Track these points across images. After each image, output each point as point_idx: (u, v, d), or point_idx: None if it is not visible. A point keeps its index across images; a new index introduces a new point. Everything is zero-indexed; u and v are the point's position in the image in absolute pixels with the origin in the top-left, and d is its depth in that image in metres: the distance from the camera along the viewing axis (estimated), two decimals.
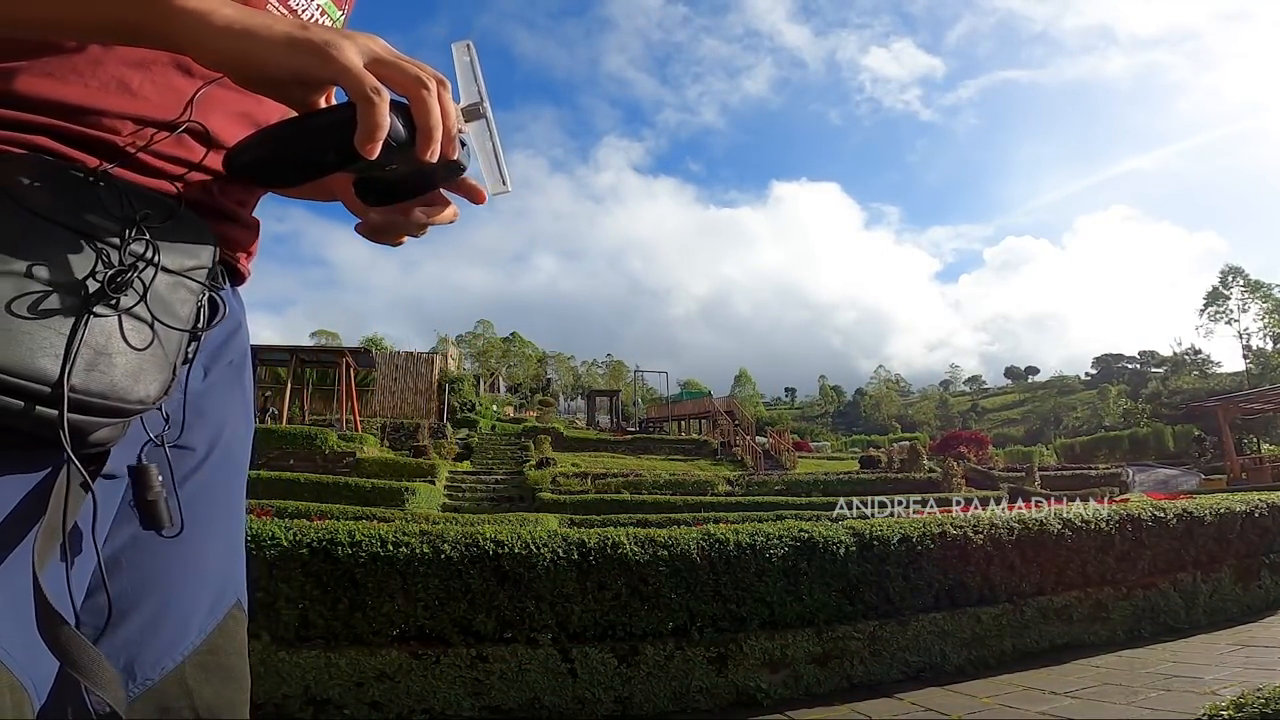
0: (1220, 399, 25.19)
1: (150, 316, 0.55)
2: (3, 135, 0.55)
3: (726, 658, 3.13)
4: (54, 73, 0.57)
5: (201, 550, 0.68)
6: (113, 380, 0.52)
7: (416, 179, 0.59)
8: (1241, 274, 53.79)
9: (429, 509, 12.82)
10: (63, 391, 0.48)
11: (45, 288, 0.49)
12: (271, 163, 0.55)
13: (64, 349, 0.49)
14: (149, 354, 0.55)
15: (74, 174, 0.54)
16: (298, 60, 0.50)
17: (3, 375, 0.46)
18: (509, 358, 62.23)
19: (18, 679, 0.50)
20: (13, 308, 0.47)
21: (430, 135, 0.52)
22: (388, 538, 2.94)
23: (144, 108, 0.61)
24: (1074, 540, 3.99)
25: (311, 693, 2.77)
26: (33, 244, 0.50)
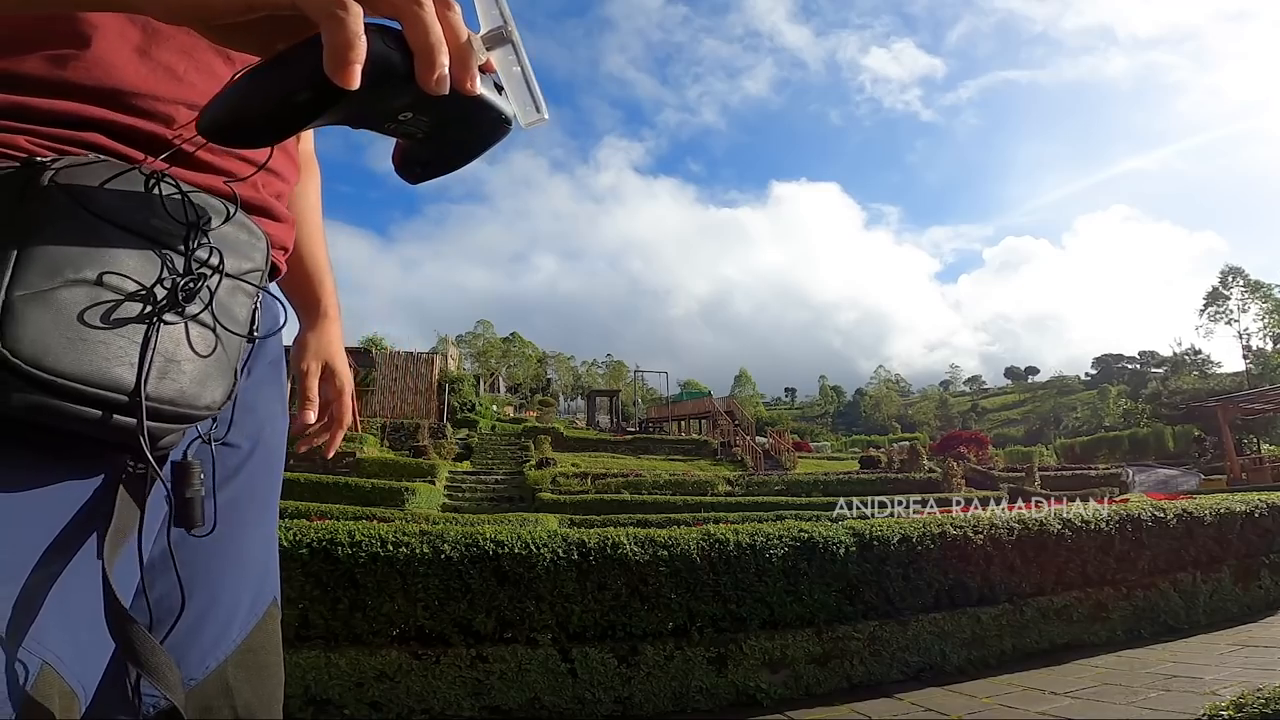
0: (1220, 399, 25.19)
1: (214, 322, 0.55)
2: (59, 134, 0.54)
3: (726, 658, 3.13)
4: (106, 59, 0.57)
5: (244, 548, 0.68)
6: (182, 387, 0.52)
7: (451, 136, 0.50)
8: (1241, 274, 53.80)
9: (429, 509, 12.83)
10: (140, 400, 0.49)
11: (116, 296, 0.49)
12: (242, 115, 0.46)
13: (138, 358, 0.49)
14: (213, 360, 0.55)
15: (136, 175, 0.53)
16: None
17: (81, 385, 0.47)
18: (509, 358, 62.24)
19: (69, 685, 0.50)
20: (86, 317, 0.47)
21: (430, 56, 0.42)
22: (388, 538, 2.94)
23: (191, 94, 0.61)
24: (1074, 540, 3.99)
25: (311, 693, 2.77)
26: (103, 251, 0.49)
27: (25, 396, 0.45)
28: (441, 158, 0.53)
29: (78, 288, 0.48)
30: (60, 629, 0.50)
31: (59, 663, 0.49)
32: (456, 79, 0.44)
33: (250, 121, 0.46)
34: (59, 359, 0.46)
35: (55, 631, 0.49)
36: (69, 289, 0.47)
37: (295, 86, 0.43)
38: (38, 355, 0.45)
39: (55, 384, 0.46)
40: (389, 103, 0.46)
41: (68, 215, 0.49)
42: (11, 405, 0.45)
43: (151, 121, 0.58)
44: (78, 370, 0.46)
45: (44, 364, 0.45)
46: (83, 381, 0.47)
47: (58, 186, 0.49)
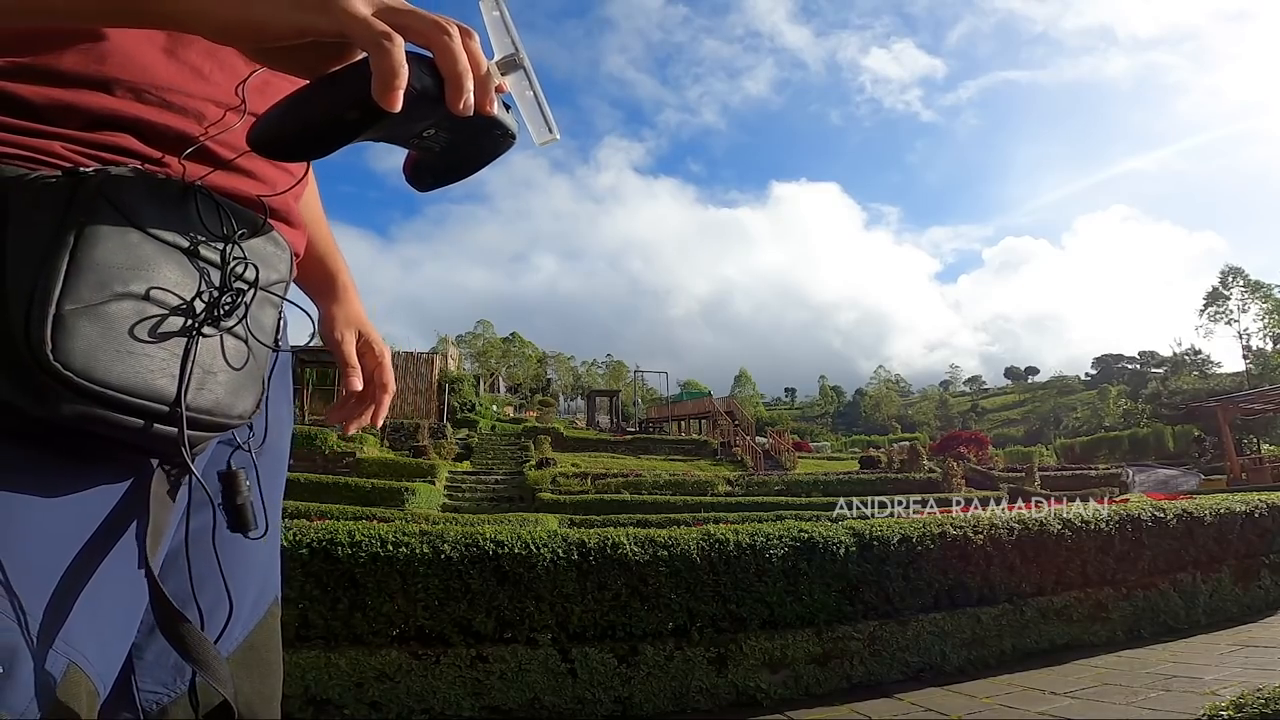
0: (1220, 399, 25.19)
1: (247, 334, 0.58)
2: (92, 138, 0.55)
3: (726, 658, 3.13)
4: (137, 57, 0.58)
5: (250, 548, 0.69)
6: (218, 398, 0.55)
7: (465, 150, 0.55)
8: (1241, 274, 53.80)
9: (429, 509, 12.83)
10: (181, 411, 0.51)
11: (160, 310, 0.51)
12: (293, 131, 0.51)
13: (179, 370, 0.52)
14: (246, 371, 0.58)
15: (173, 185, 0.55)
16: (301, 17, 0.47)
17: (126, 396, 0.49)
18: (509, 358, 62.24)
19: (93, 684, 0.52)
20: (132, 331, 0.49)
21: (459, 81, 0.48)
22: (388, 538, 2.94)
23: (217, 92, 0.62)
24: (1074, 540, 3.99)
25: (311, 693, 2.77)
26: (148, 264, 0.51)
27: (74, 406, 0.47)
28: (453, 169, 0.57)
29: (125, 301, 0.50)
30: (88, 629, 0.51)
31: (85, 663, 0.51)
32: (479, 102, 0.49)
33: (300, 138, 0.50)
34: (107, 371, 0.48)
35: (83, 631, 0.51)
36: (116, 303, 0.49)
37: (345, 107, 0.48)
38: (88, 367, 0.47)
39: (103, 395, 0.48)
40: (419, 122, 0.51)
41: (113, 229, 0.50)
42: (62, 414, 0.47)
43: (182, 118, 0.60)
44: (124, 382, 0.49)
45: (93, 375, 0.47)
46: (128, 393, 0.49)
47: (102, 199, 0.50)
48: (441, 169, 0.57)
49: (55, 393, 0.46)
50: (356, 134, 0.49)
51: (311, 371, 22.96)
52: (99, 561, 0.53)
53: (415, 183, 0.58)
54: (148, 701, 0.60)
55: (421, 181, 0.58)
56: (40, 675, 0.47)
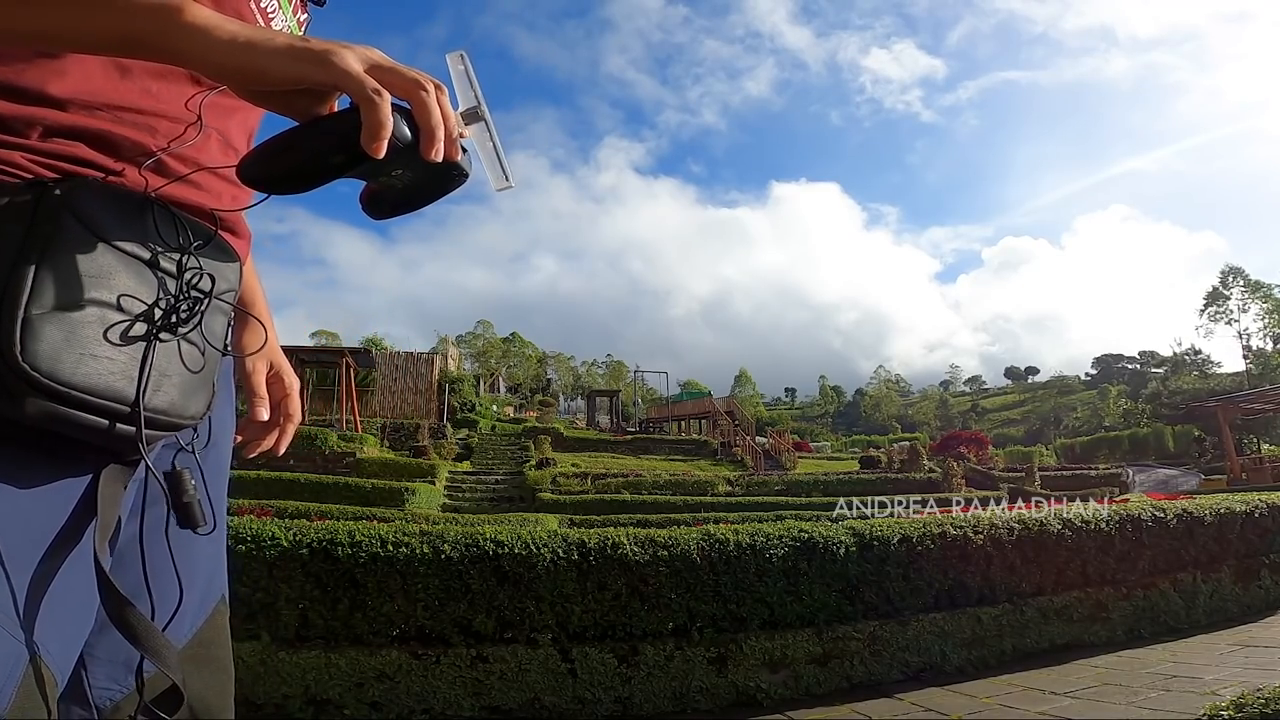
0: (1220, 399, 25.18)
1: (203, 341, 0.61)
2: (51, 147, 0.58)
3: (726, 658, 3.13)
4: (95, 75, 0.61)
5: (193, 547, 0.71)
6: (173, 399, 0.58)
7: (423, 186, 0.61)
8: (1241, 274, 53.74)
9: (429, 509, 12.81)
10: (139, 411, 0.55)
11: (122, 315, 0.55)
12: (284, 168, 0.56)
13: (138, 372, 0.55)
14: (199, 375, 0.61)
15: (131, 197, 0.59)
16: (299, 68, 0.51)
17: (89, 396, 0.52)
18: (509, 358, 62.22)
19: (53, 674, 0.54)
20: (94, 334, 0.53)
21: (433, 134, 0.53)
22: (388, 538, 2.94)
23: (168, 108, 0.65)
24: (1074, 540, 3.99)
25: (311, 693, 2.77)
26: (109, 273, 0.55)
27: (39, 404, 0.50)
28: (409, 202, 0.62)
29: (89, 307, 0.53)
30: (50, 622, 0.54)
31: (45, 653, 0.53)
32: (447, 151, 0.55)
33: (288, 176, 0.55)
34: (72, 372, 0.51)
35: (46, 625, 0.53)
36: (80, 308, 0.52)
37: (332, 150, 0.53)
38: (54, 369, 0.50)
39: (68, 395, 0.51)
40: (392, 166, 0.56)
41: (76, 237, 0.53)
42: (27, 413, 0.50)
43: (135, 130, 0.63)
44: (87, 383, 0.52)
45: (59, 376, 0.50)
46: (91, 393, 0.52)
47: (66, 210, 0.53)
48: (399, 202, 0.62)
49: (22, 392, 0.49)
50: (337, 175, 0.55)
51: (312, 371, 22.97)
52: (61, 557, 0.55)
53: (371, 212, 0.63)
54: (100, 698, 0.63)
55: (378, 211, 0.63)
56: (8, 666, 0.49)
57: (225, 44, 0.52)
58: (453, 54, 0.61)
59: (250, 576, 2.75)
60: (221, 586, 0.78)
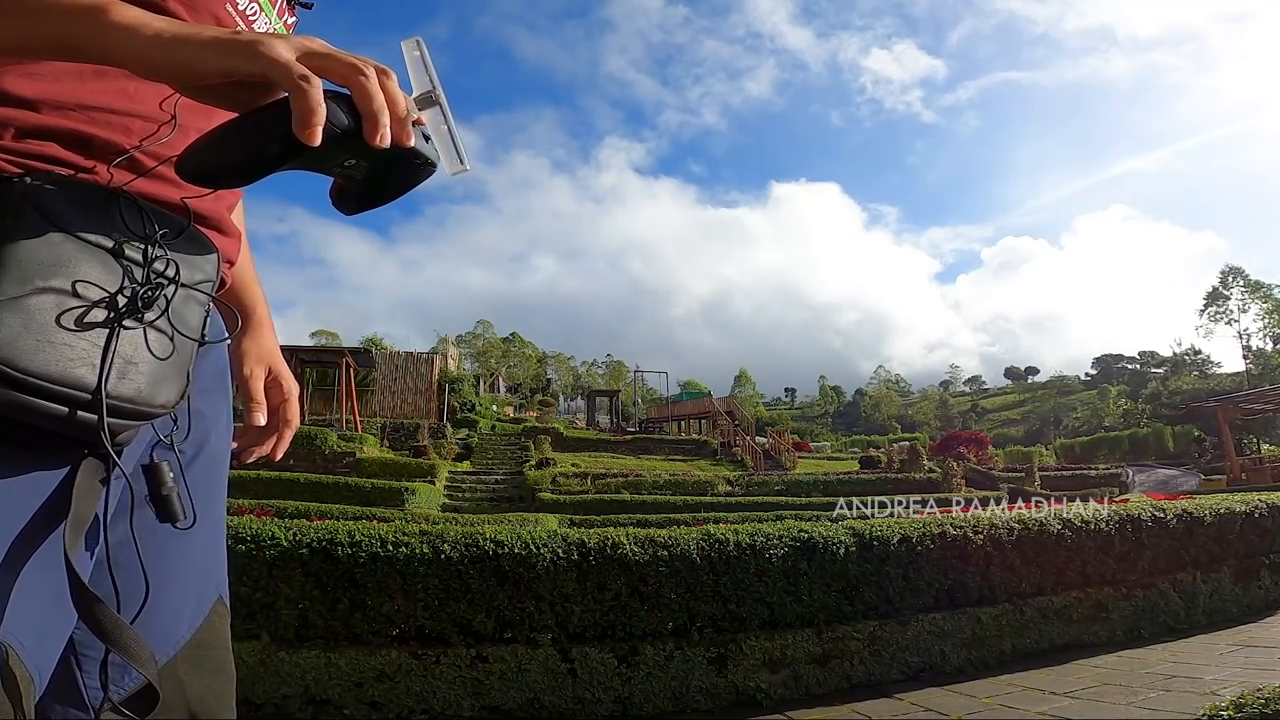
0: (1220, 399, 25.19)
1: (171, 329, 0.60)
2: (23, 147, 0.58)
3: (726, 658, 3.13)
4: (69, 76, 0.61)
5: (188, 548, 0.71)
6: (140, 387, 0.57)
7: (386, 177, 0.59)
8: (1241, 274, 53.71)
9: (429, 509, 12.81)
10: (101, 398, 0.54)
11: (82, 303, 0.54)
12: (220, 162, 0.54)
13: (100, 359, 0.54)
14: (169, 363, 0.60)
15: (98, 190, 0.58)
16: (226, 61, 0.50)
17: (48, 384, 0.51)
18: (509, 358, 62.20)
19: (27, 670, 0.53)
20: (53, 321, 0.52)
21: (375, 119, 0.52)
22: (388, 538, 2.94)
23: (143, 108, 0.65)
24: (1074, 540, 3.99)
25: (311, 693, 2.77)
26: (69, 261, 0.54)
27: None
28: (375, 195, 0.61)
29: (46, 295, 0.52)
30: (21, 614, 0.53)
31: (19, 647, 0.52)
32: (395, 135, 0.53)
33: (227, 169, 0.54)
34: (30, 360, 0.50)
35: (17, 616, 0.53)
36: (38, 296, 0.52)
37: (267, 141, 0.52)
38: (11, 356, 0.49)
39: (25, 382, 0.50)
40: (339, 155, 0.55)
41: (35, 228, 0.53)
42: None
43: (108, 130, 0.63)
44: (45, 370, 0.51)
45: (16, 364, 0.50)
46: (50, 380, 0.51)
47: (26, 201, 0.53)
48: (364, 195, 0.60)
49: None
50: (278, 166, 0.53)
51: (312, 371, 22.97)
52: (32, 550, 0.54)
53: (340, 207, 0.61)
54: (95, 698, 0.63)
55: (346, 206, 0.61)
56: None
57: (150, 41, 0.51)
58: (408, 40, 0.59)
59: (250, 576, 2.74)
60: (220, 587, 0.77)
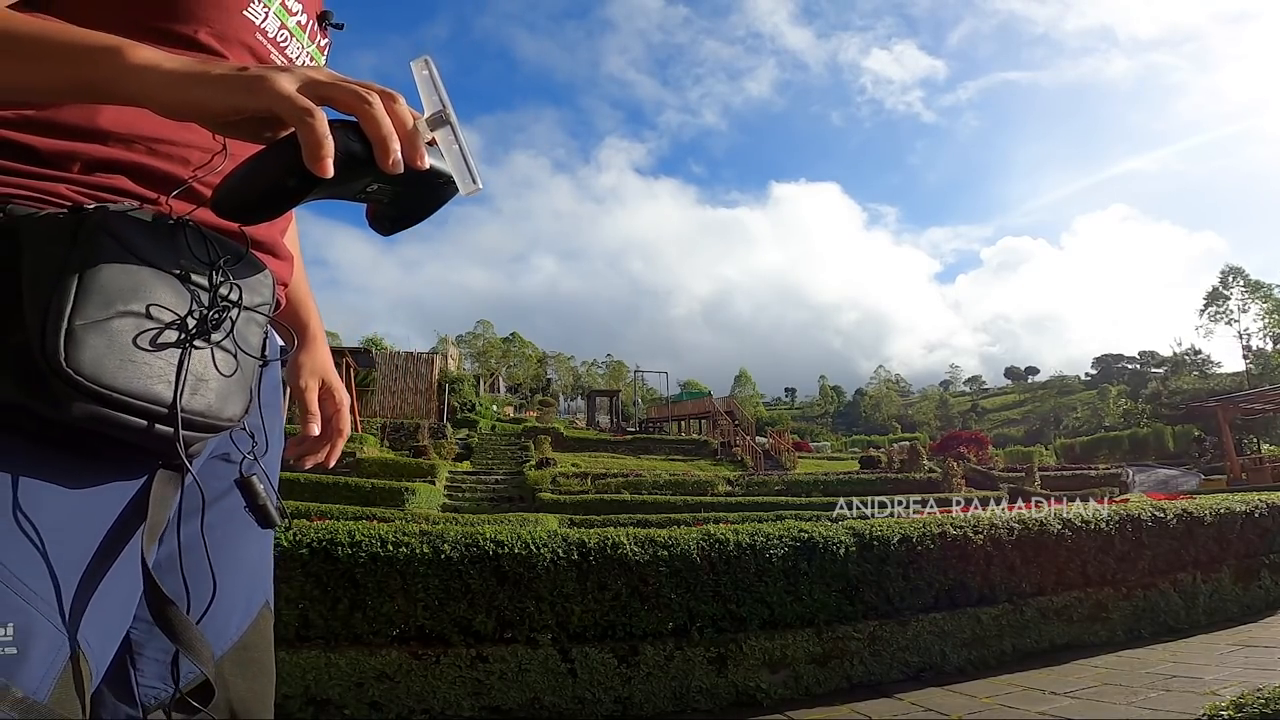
0: (1220, 399, 25.17)
1: (235, 348, 0.65)
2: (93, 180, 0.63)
3: (726, 658, 3.13)
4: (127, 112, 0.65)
5: (241, 554, 0.76)
6: (209, 402, 0.62)
7: (413, 198, 0.61)
8: (1242, 274, 53.74)
9: (429, 509, 12.82)
10: (177, 412, 0.58)
11: (156, 325, 0.58)
12: (244, 199, 0.57)
13: (174, 376, 0.59)
14: (234, 380, 0.65)
15: (164, 219, 0.63)
16: (233, 98, 0.53)
17: (129, 398, 0.56)
18: (509, 358, 62.21)
19: (90, 669, 0.58)
20: (133, 342, 0.57)
21: (384, 144, 0.53)
22: (388, 538, 2.94)
23: (199, 138, 0.69)
24: (1074, 540, 3.98)
25: (311, 693, 2.77)
26: (143, 287, 0.59)
27: (84, 407, 0.54)
28: (406, 215, 0.63)
29: (126, 318, 0.57)
30: (92, 618, 0.58)
31: (87, 648, 0.57)
32: (408, 158, 0.55)
33: (252, 205, 0.57)
34: (113, 377, 0.55)
35: (88, 620, 0.57)
36: (119, 319, 0.56)
37: (284, 176, 0.54)
38: (96, 373, 0.54)
39: (109, 397, 0.54)
40: (358, 182, 0.57)
41: (113, 256, 0.57)
42: (73, 415, 0.54)
43: (169, 162, 0.67)
44: (127, 386, 0.55)
45: (101, 380, 0.54)
46: (131, 395, 0.56)
47: (102, 229, 0.57)
48: (396, 216, 0.63)
49: (68, 396, 0.53)
50: (300, 198, 0.55)
51: None
52: (109, 557, 0.59)
53: (376, 228, 0.64)
54: (146, 697, 0.66)
55: (381, 227, 0.64)
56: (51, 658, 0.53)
57: (164, 82, 0.53)
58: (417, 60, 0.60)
59: None
60: (266, 592, 0.82)
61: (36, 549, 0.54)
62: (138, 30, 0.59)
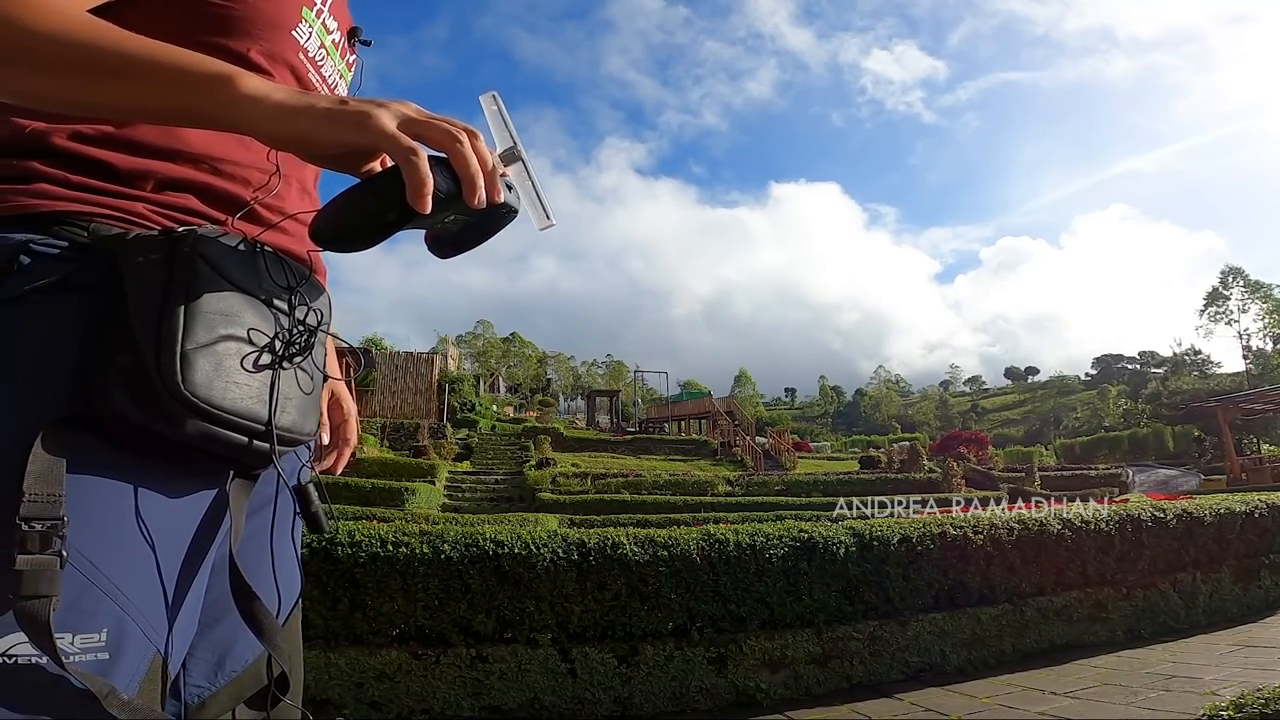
0: (1220, 399, 25.17)
1: (314, 368, 0.70)
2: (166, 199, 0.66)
3: (726, 658, 3.13)
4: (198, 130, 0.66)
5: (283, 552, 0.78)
6: (294, 419, 0.67)
7: (476, 227, 0.64)
8: (1241, 274, 53.76)
9: (429, 509, 12.82)
10: (272, 429, 0.63)
11: (253, 348, 0.63)
12: (344, 230, 0.59)
13: (268, 396, 0.63)
14: (311, 397, 0.70)
15: (244, 243, 0.66)
16: (340, 133, 0.55)
17: (235, 417, 0.60)
18: (509, 358, 62.25)
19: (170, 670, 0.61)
20: (236, 364, 0.61)
21: (473, 183, 0.57)
22: (388, 538, 2.94)
23: (259, 159, 0.73)
24: (1074, 540, 3.99)
25: (311, 693, 2.77)
26: (238, 311, 0.62)
27: (198, 425, 0.58)
28: (468, 241, 0.66)
29: (229, 342, 0.61)
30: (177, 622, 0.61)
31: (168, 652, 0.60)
32: (490, 195, 0.58)
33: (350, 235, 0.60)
34: (222, 398, 0.59)
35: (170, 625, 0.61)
36: (223, 343, 0.60)
37: (385, 210, 0.57)
38: (209, 395, 0.58)
39: (219, 416, 0.59)
40: (443, 214, 0.59)
41: (210, 281, 0.61)
42: (187, 433, 0.58)
43: (232, 183, 0.70)
44: (234, 406, 0.60)
45: (213, 401, 0.58)
46: (236, 414, 0.60)
47: (196, 256, 0.60)
48: (458, 242, 0.66)
49: (181, 415, 0.57)
50: (398, 229, 0.59)
51: None
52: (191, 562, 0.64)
53: (436, 252, 0.66)
54: (191, 694, 0.69)
55: (443, 253, 0.66)
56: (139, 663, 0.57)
57: (272, 113, 0.56)
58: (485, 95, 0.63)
59: None
60: (299, 586, 0.84)
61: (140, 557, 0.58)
62: (190, 44, 0.60)
